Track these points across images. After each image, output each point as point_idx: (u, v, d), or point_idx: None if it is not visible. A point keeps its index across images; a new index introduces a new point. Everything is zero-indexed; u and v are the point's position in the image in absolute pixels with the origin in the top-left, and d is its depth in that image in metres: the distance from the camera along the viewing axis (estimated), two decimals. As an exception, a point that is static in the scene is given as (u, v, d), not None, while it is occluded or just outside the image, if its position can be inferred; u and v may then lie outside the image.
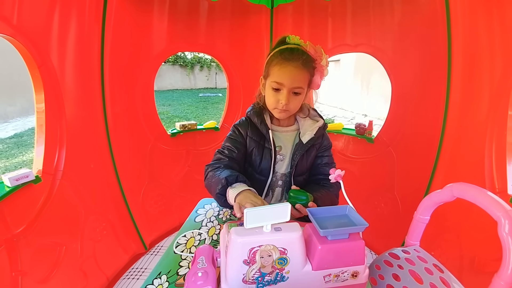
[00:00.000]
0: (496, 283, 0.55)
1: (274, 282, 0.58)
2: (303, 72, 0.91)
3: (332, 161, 1.11)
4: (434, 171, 1.46)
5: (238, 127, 1.05)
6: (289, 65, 0.90)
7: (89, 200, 1.50)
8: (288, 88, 0.91)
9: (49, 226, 1.26)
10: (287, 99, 0.92)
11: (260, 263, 0.56)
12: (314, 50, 0.93)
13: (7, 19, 1.05)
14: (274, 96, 0.94)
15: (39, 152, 1.28)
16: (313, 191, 0.93)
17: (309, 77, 0.94)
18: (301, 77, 0.91)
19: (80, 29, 1.39)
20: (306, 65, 0.91)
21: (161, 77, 10.63)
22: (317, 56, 0.94)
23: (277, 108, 0.95)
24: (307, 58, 0.92)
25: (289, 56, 0.91)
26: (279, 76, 0.91)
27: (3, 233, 1.07)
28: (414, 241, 0.87)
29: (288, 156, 1.03)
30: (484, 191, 0.64)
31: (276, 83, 0.92)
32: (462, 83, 1.32)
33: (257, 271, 0.57)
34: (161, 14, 1.79)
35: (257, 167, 1.03)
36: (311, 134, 1.01)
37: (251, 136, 1.02)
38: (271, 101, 0.95)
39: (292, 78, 0.90)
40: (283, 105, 0.92)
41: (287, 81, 0.90)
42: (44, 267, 1.23)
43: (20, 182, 1.15)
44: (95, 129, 1.58)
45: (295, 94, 0.93)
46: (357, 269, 0.59)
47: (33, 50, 1.17)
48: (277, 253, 0.56)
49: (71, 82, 1.38)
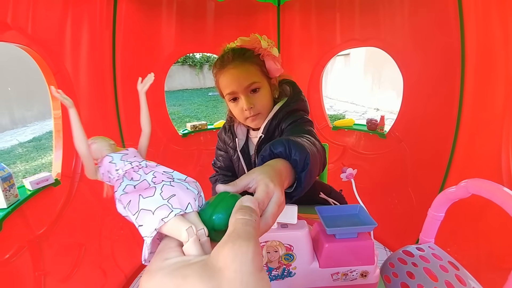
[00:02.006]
0: (513, 280, 0.54)
1: (281, 277, 0.60)
2: (246, 67, 0.84)
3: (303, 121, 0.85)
4: (449, 166, 1.43)
5: (219, 135, 1.08)
6: (228, 69, 0.85)
7: (106, 201, 1.55)
8: (241, 90, 0.84)
9: (69, 227, 1.31)
10: (248, 102, 0.84)
11: (267, 258, 0.58)
12: (248, 41, 0.88)
13: (22, 29, 1.09)
14: (236, 106, 0.87)
15: (58, 156, 1.33)
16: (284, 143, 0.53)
17: (259, 68, 0.86)
18: (247, 73, 0.84)
19: (91, 36, 1.43)
20: (246, 59, 0.85)
21: (171, 77, 10.75)
22: (253, 44, 0.87)
23: (246, 117, 0.87)
24: (241, 52, 0.86)
25: (223, 62, 0.86)
26: (227, 86, 0.86)
27: (26, 235, 1.11)
28: (428, 238, 0.86)
29: None
30: (500, 187, 0.63)
31: (229, 94, 0.86)
32: (476, 76, 1.28)
33: (264, 266, 0.58)
34: (169, 17, 1.81)
35: (237, 173, 1.04)
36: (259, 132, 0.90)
37: (228, 143, 1.03)
38: (237, 113, 0.89)
39: (237, 79, 0.84)
40: (249, 111, 0.85)
41: (235, 85, 0.84)
42: (66, 266, 1.28)
43: (41, 186, 1.19)
44: (110, 132, 1.62)
45: (254, 92, 0.85)
46: (367, 269, 0.59)
47: (48, 58, 1.21)
48: (283, 249, 0.57)
49: (85, 87, 1.43)
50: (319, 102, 2.12)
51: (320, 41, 2.00)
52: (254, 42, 0.87)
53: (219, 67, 0.88)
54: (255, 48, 0.87)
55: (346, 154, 2.06)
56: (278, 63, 0.89)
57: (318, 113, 2.12)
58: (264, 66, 0.87)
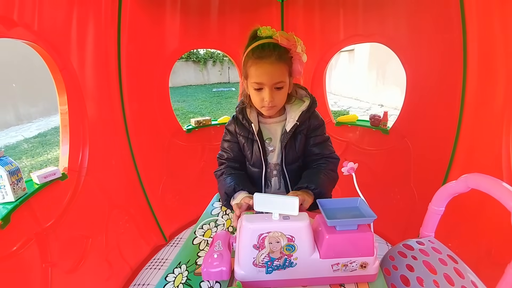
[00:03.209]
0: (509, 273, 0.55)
1: (283, 267, 0.62)
2: (279, 66, 0.90)
3: (325, 139, 1.07)
4: (451, 162, 1.43)
5: (227, 127, 1.09)
6: (264, 63, 0.89)
7: (112, 195, 1.58)
8: (269, 86, 0.90)
9: (76, 220, 1.34)
10: (271, 96, 0.91)
11: (269, 248, 0.60)
12: (287, 40, 0.90)
13: (28, 26, 1.11)
14: (258, 95, 0.93)
15: (65, 151, 1.35)
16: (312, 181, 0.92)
17: (288, 68, 0.92)
18: (279, 72, 0.90)
19: (97, 32, 1.44)
20: (281, 58, 0.89)
21: (175, 73, 10.76)
22: (290, 45, 0.91)
23: (264, 106, 0.94)
24: (280, 51, 0.90)
25: (261, 54, 0.89)
26: (258, 77, 0.90)
27: (34, 227, 1.14)
28: (428, 232, 0.88)
29: (277, 147, 1.04)
30: (499, 181, 0.63)
31: (257, 84, 0.91)
32: (478, 72, 1.27)
33: (266, 256, 0.60)
34: (174, 13, 1.82)
35: (250, 160, 1.06)
36: (293, 121, 0.99)
37: (239, 133, 1.05)
38: (256, 100, 0.95)
39: (270, 76, 0.89)
40: (269, 103, 0.92)
41: (266, 80, 0.89)
42: (72, 259, 1.31)
43: (48, 180, 1.22)
44: (115, 127, 1.64)
45: (278, 89, 0.92)
46: (366, 260, 0.61)
47: (54, 54, 1.23)
48: (285, 240, 0.59)
49: (91, 83, 1.45)
50: (323, 98, 2.12)
51: (323, 37, 2.00)
52: (291, 43, 0.91)
53: (256, 56, 0.90)
54: (291, 49, 0.91)
55: (349, 149, 2.07)
56: (301, 67, 0.95)
57: (322, 109, 2.12)
58: (291, 67, 0.93)
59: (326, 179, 0.96)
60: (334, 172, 1.02)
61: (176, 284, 0.69)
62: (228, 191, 0.95)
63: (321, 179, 0.94)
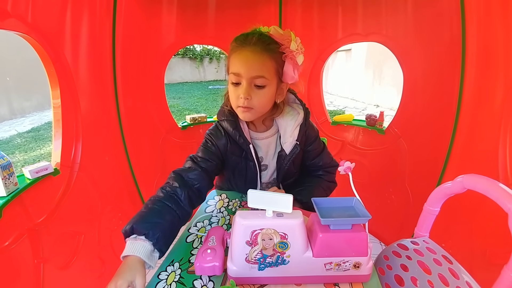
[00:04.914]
0: (506, 274, 0.55)
1: (275, 264, 0.61)
2: (263, 58, 0.77)
3: (323, 148, 0.99)
4: (447, 163, 1.43)
5: (213, 140, 0.91)
6: (244, 50, 0.77)
7: (105, 191, 1.56)
8: (247, 78, 0.77)
9: (68, 216, 1.32)
10: (247, 93, 0.77)
11: (262, 245, 0.59)
12: (280, 33, 0.79)
13: (22, 17, 1.08)
14: (235, 91, 0.80)
15: (57, 146, 1.33)
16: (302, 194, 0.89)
17: (276, 65, 0.79)
18: (261, 64, 0.77)
19: (91, 26, 1.42)
20: (267, 49, 0.77)
21: (171, 70, 10.68)
22: (283, 39, 0.79)
23: (239, 106, 0.81)
24: (268, 41, 0.78)
25: (244, 41, 0.78)
26: (235, 65, 0.78)
27: (26, 223, 1.12)
28: (423, 232, 0.87)
29: (271, 167, 0.95)
30: (495, 182, 0.63)
31: (234, 75, 0.79)
32: (476, 73, 1.28)
33: (259, 253, 0.60)
34: (170, 8, 1.80)
35: (244, 180, 0.97)
36: (291, 139, 0.88)
37: (232, 152, 0.91)
38: (233, 98, 0.82)
39: (248, 65, 0.76)
40: (244, 101, 0.78)
41: (243, 69, 0.77)
42: (64, 255, 1.29)
43: (40, 175, 1.19)
44: (109, 123, 1.62)
45: (258, 88, 0.79)
46: (360, 260, 0.60)
47: (47, 47, 1.20)
48: (278, 237, 0.58)
49: (84, 77, 1.42)
50: (319, 97, 2.12)
51: (321, 35, 1.99)
52: (285, 38, 0.79)
53: (239, 43, 0.80)
54: (283, 45, 0.79)
55: (344, 149, 2.07)
56: (296, 72, 0.83)
57: (318, 108, 2.12)
58: (281, 67, 0.81)
59: (319, 192, 0.95)
60: (331, 182, 0.99)
61: (169, 282, 0.68)
62: (139, 215, 0.76)
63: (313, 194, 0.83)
